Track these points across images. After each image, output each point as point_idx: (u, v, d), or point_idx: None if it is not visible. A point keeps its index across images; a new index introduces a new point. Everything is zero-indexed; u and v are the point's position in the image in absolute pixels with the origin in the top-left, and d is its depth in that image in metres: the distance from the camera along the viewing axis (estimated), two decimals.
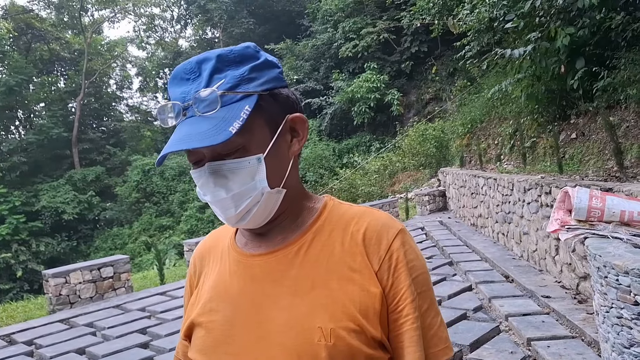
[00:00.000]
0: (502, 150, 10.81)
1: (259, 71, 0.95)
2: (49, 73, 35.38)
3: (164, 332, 5.81)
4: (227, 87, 0.91)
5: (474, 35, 11.11)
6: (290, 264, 0.96)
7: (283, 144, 0.98)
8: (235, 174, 0.92)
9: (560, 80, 7.45)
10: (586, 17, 6.74)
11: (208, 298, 1.01)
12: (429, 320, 0.97)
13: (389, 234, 0.97)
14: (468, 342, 4.58)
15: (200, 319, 1.00)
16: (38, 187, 28.52)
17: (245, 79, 0.93)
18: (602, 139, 6.73)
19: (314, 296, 0.92)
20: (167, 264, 14.88)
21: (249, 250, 1.02)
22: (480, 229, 9.98)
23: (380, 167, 19.63)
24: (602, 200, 3.13)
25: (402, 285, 0.94)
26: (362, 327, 0.90)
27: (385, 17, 23.41)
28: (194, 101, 0.90)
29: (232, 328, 0.95)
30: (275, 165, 0.95)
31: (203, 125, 0.88)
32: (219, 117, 0.89)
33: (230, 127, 0.87)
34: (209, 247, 1.13)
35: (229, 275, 1.01)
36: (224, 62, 0.93)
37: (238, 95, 0.91)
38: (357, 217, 1.00)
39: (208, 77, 0.92)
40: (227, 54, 0.94)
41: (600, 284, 2.92)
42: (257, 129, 0.93)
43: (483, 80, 14.15)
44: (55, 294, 7.31)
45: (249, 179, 0.92)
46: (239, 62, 0.94)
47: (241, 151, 0.92)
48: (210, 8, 31.35)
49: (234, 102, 0.91)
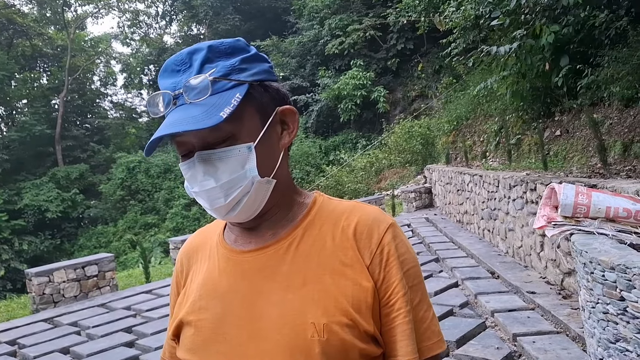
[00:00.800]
0: (487, 147, 10.88)
1: (250, 63, 0.96)
2: (31, 69, 34.89)
3: (149, 330, 5.76)
4: (219, 74, 0.91)
5: (459, 32, 11.18)
6: (281, 259, 0.95)
7: (273, 135, 0.97)
8: (225, 162, 0.91)
9: (545, 77, 7.51)
10: (570, 15, 6.80)
11: (197, 296, 0.99)
12: (421, 313, 0.97)
13: (380, 228, 0.97)
14: (454, 338, 4.60)
15: (189, 317, 0.98)
16: (21, 185, 28.13)
17: (237, 69, 0.93)
18: (586, 136, 6.79)
19: (306, 291, 0.92)
20: (152, 262, 14.76)
21: (239, 246, 1.01)
22: (466, 226, 10.03)
23: (366, 164, 19.67)
24: (588, 196, 3.16)
25: (393, 279, 0.94)
26: (355, 322, 0.90)
27: (372, 14, 23.45)
28: (185, 89, 0.90)
29: (223, 326, 0.94)
30: (266, 155, 0.94)
31: (194, 110, 0.88)
32: (210, 103, 0.89)
33: (221, 112, 0.87)
34: (196, 245, 1.11)
35: (218, 273, 1.00)
36: (215, 53, 0.94)
37: (229, 84, 0.92)
38: (348, 211, 1.00)
39: (199, 66, 0.92)
40: (218, 45, 0.95)
41: (586, 279, 2.95)
42: (247, 118, 0.93)
43: (469, 77, 14.23)
44: (39, 293, 7.22)
45: (239, 168, 0.91)
46: (229, 53, 0.95)
47: (231, 139, 0.91)
48: (196, 4, 31.16)
49: (224, 90, 0.91)
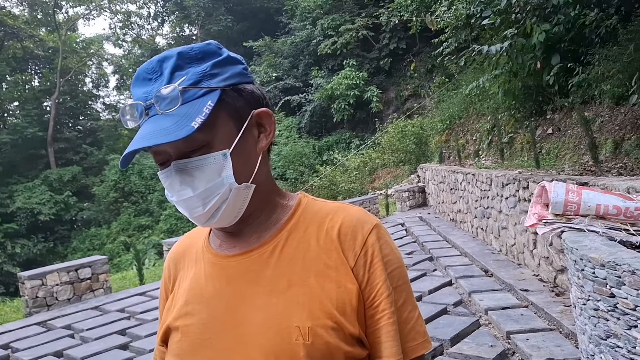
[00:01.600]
0: (480, 145, 10.93)
1: (222, 67, 0.94)
2: (22, 71, 34.64)
3: (143, 332, 5.75)
4: (189, 83, 0.90)
5: (451, 31, 11.21)
6: (266, 263, 0.95)
7: (250, 139, 0.96)
8: (201, 171, 0.90)
9: (537, 76, 7.56)
10: (561, 14, 6.84)
11: (184, 302, 1.00)
12: (405, 314, 0.97)
13: (364, 230, 0.97)
14: (449, 336, 4.62)
15: (176, 323, 0.99)
16: (13, 188, 27.95)
17: (208, 75, 0.92)
18: (578, 134, 6.84)
19: (290, 295, 0.92)
20: (146, 264, 14.70)
21: (224, 251, 1.01)
22: (460, 224, 10.07)
23: (360, 164, 19.69)
24: (579, 194, 3.18)
25: (377, 281, 0.94)
26: (340, 324, 0.90)
27: (364, 14, 23.47)
28: (156, 99, 0.89)
29: (209, 331, 0.94)
30: (243, 160, 0.94)
31: (165, 122, 0.87)
32: (181, 113, 0.88)
33: (193, 122, 0.86)
34: (182, 251, 1.11)
35: (204, 278, 1.00)
36: (184, 59, 0.92)
37: (200, 91, 0.90)
38: (332, 213, 1.00)
39: (169, 75, 0.91)
40: (188, 51, 0.94)
41: (577, 277, 2.97)
42: (221, 125, 0.92)
43: (461, 76, 14.29)
44: (32, 296, 7.18)
45: (216, 176, 0.91)
46: (200, 58, 0.93)
47: (206, 147, 0.90)
48: (188, 5, 31.07)
49: (196, 98, 0.90)
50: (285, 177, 21.55)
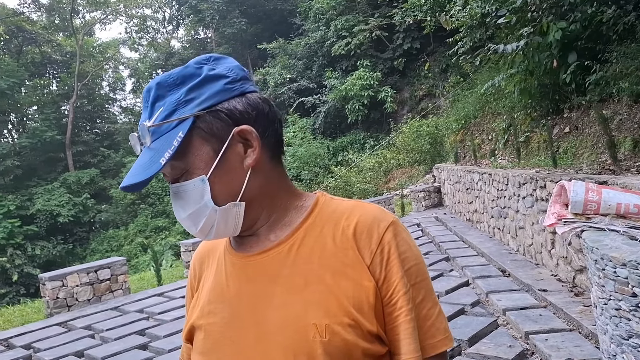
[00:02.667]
0: (496, 145, 10.85)
1: (198, 89, 0.95)
2: (41, 76, 35.16)
3: (162, 333, 5.81)
4: (163, 116, 0.94)
5: (466, 31, 11.15)
6: (283, 262, 0.97)
7: (233, 158, 0.96)
8: (187, 194, 0.96)
9: (553, 74, 7.48)
10: (578, 12, 6.77)
11: (206, 301, 1.03)
12: (425, 311, 0.97)
13: (380, 227, 0.97)
14: (466, 336, 4.60)
15: (200, 321, 1.02)
16: (32, 191, 28.37)
17: (182, 102, 0.94)
18: (596, 132, 6.76)
19: (307, 293, 0.93)
20: (163, 265, 14.83)
21: (243, 251, 1.03)
22: (476, 224, 10.01)
23: (375, 165, 19.65)
24: (599, 193, 3.15)
25: (394, 278, 0.94)
26: (357, 322, 0.90)
27: (377, 14, 23.42)
28: (140, 134, 0.95)
29: (231, 329, 0.97)
30: (226, 181, 0.96)
31: (145, 156, 0.94)
32: (156, 148, 0.93)
33: (162, 158, 0.91)
34: (207, 250, 1.14)
35: (225, 277, 1.02)
36: (163, 89, 0.95)
37: (173, 123, 0.93)
38: (348, 211, 1.00)
39: (151, 107, 0.96)
40: (166, 79, 0.96)
41: (597, 276, 2.94)
42: (196, 151, 0.94)
43: (476, 76, 14.19)
44: (53, 297, 7.29)
45: (199, 199, 0.95)
46: (179, 84, 0.95)
47: (186, 174, 0.95)
48: (202, 8, 31.25)
49: (170, 130, 0.93)
50: (300, 178, 21.58)
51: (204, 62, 0.99)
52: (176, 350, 5.15)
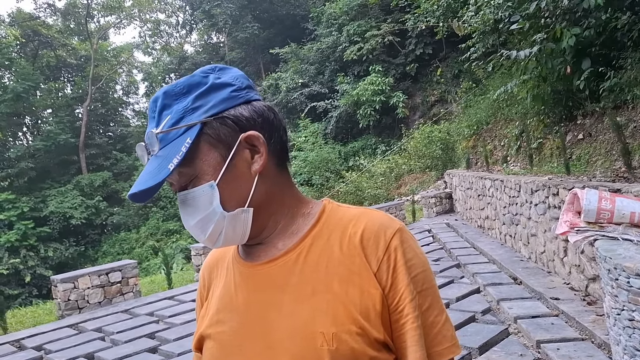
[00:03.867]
0: (508, 151, 10.78)
1: (205, 97, 0.96)
2: (55, 79, 35.55)
3: (172, 336, 5.82)
4: (171, 123, 0.95)
5: (478, 36, 11.11)
6: (291, 271, 0.97)
7: (241, 164, 0.97)
8: (196, 202, 0.96)
9: (566, 81, 7.43)
10: (592, 18, 6.72)
11: (215, 310, 1.03)
12: (431, 318, 0.96)
13: (387, 234, 0.96)
14: (477, 344, 4.56)
15: (209, 330, 1.02)
16: (46, 193, 28.61)
17: (189, 110, 0.95)
18: (610, 139, 6.70)
19: (314, 301, 0.93)
20: (174, 269, 14.89)
21: (251, 260, 1.03)
22: (488, 231, 9.94)
23: (386, 170, 19.60)
24: (612, 201, 3.11)
25: (401, 285, 0.94)
26: (364, 330, 0.90)
27: (390, 19, 23.40)
28: (147, 142, 0.96)
29: (240, 338, 0.97)
30: (234, 187, 0.96)
31: (153, 164, 0.95)
32: (164, 155, 0.94)
33: (170, 164, 0.91)
34: (216, 260, 1.14)
35: (234, 287, 1.03)
36: (170, 97, 0.97)
37: (180, 130, 0.94)
38: (355, 219, 1.00)
39: (158, 116, 0.97)
40: (173, 88, 0.97)
41: (611, 286, 2.90)
42: (204, 157, 0.95)
43: (488, 81, 14.13)
44: (64, 299, 7.35)
45: (208, 205, 0.95)
46: (185, 92, 0.97)
47: (194, 181, 0.96)
48: (215, 13, 31.42)
49: (177, 137, 0.94)
50: (311, 182, 21.57)
51: (209, 72, 1.00)
52: (186, 353, 5.16)
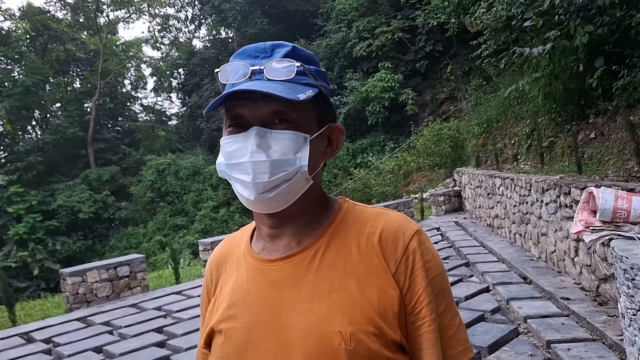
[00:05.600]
0: (518, 150, 10.71)
1: (321, 75, 1.02)
2: (64, 73, 35.71)
3: (179, 331, 5.82)
4: (301, 70, 0.95)
5: (490, 33, 11.03)
6: (307, 268, 0.96)
7: (320, 145, 1.00)
8: (280, 143, 0.92)
9: (579, 79, 7.35)
10: (606, 15, 6.64)
11: (226, 305, 1.01)
12: (446, 321, 0.97)
13: (405, 236, 0.97)
14: (486, 344, 4.53)
15: (220, 326, 1.00)
16: (54, 187, 28.78)
17: (313, 73, 0.98)
18: (622, 138, 6.62)
19: (332, 300, 0.92)
20: (181, 264, 14.92)
21: (265, 255, 1.02)
22: (497, 230, 9.88)
23: (394, 167, 19.54)
24: (629, 201, 3.07)
25: (418, 287, 0.94)
26: (382, 330, 0.90)
27: (400, 16, 23.30)
28: (267, 68, 0.94)
29: (252, 334, 0.96)
30: (314, 155, 0.97)
31: (273, 85, 0.92)
32: (287, 86, 0.92)
33: (299, 94, 0.91)
34: (224, 255, 1.13)
35: (246, 282, 1.01)
36: (297, 53, 0.99)
37: (305, 80, 0.97)
38: (373, 219, 1.00)
39: (282, 56, 0.96)
40: (301, 50, 1.01)
41: (626, 286, 2.86)
42: (310, 116, 0.97)
43: (499, 79, 14.04)
44: (72, 292, 7.37)
45: (291, 153, 0.93)
46: (308, 60, 1.00)
47: (291, 125, 0.93)
48: (224, 8, 31.43)
49: (300, 84, 0.95)
50: None
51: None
52: (193, 348, 5.16)
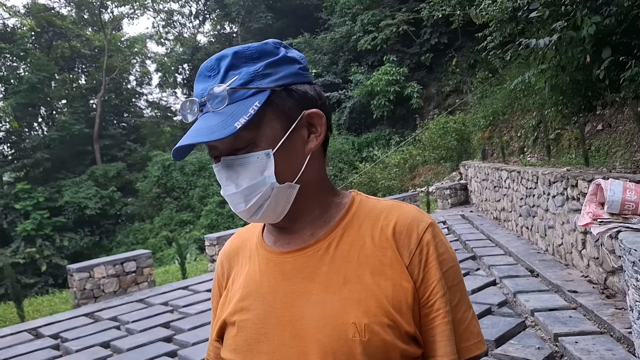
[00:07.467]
0: (525, 142, 10.65)
1: (275, 67, 0.96)
2: (70, 70, 35.74)
3: (186, 326, 5.85)
4: (240, 83, 0.92)
5: (496, 25, 10.93)
6: (321, 260, 0.96)
7: (297, 140, 0.97)
8: (245, 168, 0.93)
9: (586, 70, 7.29)
10: (613, 5, 6.57)
11: (239, 297, 1.01)
12: (460, 314, 0.97)
13: (419, 228, 0.96)
14: (493, 337, 4.52)
15: (233, 318, 1.00)
16: (61, 183, 28.89)
17: (260, 75, 0.94)
18: (630, 130, 6.57)
19: (346, 291, 0.92)
20: (188, 259, 14.95)
21: (278, 247, 1.02)
22: (504, 223, 9.85)
23: (400, 161, 19.49)
24: (637, 192, 3.03)
25: (432, 280, 0.94)
26: (396, 322, 0.90)
27: (404, 8, 23.16)
28: (208, 97, 0.92)
29: (265, 326, 0.95)
30: (288, 160, 0.95)
31: (213, 120, 0.91)
32: (228, 112, 0.90)
33: (237, 122, 0.88)
34: (236, 247, 1.13)
35: (259, 274, 1.01)
36: (240, 59, 0.94)
37: (249, 91, 0.92)
38: (386, 211, 1.00)
39: (224, 73, 0.93)
40: (244, 50, 0.96)
41: (635, 278, 2.84)
42: (267, 125, 0.94)
43: (505, 71, 13.96)
44: (80, 288, 7.40)
45: (258, 174, 0.93)
46: (256, 58, 0.95)
47: (251, 146, 0.93)
48: (229, 3, 31.38)
49: (245, 98, 0.92)
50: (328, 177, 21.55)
51: (279, 45, 1.00)
52: (200, 343, 5.17)
